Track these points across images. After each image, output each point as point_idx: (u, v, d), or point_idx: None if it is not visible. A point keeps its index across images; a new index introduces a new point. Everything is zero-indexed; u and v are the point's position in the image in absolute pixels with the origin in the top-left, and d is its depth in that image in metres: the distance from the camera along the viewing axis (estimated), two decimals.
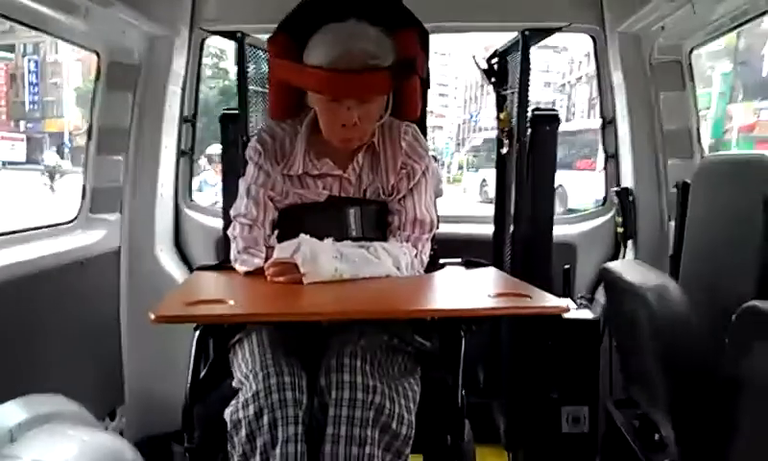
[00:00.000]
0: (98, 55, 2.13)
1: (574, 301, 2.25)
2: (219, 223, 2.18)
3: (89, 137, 2.18)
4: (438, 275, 1.42)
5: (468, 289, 1.31)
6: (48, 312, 1.89)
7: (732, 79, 9.56)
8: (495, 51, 2.05)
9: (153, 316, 0.99)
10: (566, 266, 2.26)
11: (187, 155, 2.43)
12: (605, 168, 2.47)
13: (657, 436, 1.59)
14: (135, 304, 2.26)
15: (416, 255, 1.41)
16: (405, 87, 1.48)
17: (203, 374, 1.36)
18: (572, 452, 2.14)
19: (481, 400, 2.26)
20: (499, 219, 2.19)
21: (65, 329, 1.97)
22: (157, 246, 2.32)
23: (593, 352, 2.11)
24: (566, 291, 2.26)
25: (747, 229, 1.33)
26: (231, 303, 1.08)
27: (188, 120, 2.40)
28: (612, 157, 2.40)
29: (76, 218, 2.18)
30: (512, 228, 2.01)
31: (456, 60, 31.56)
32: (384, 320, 1.22)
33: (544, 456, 2.19)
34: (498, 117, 2.05)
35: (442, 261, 1.54)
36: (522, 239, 1.97)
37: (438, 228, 1.50)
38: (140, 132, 2.25)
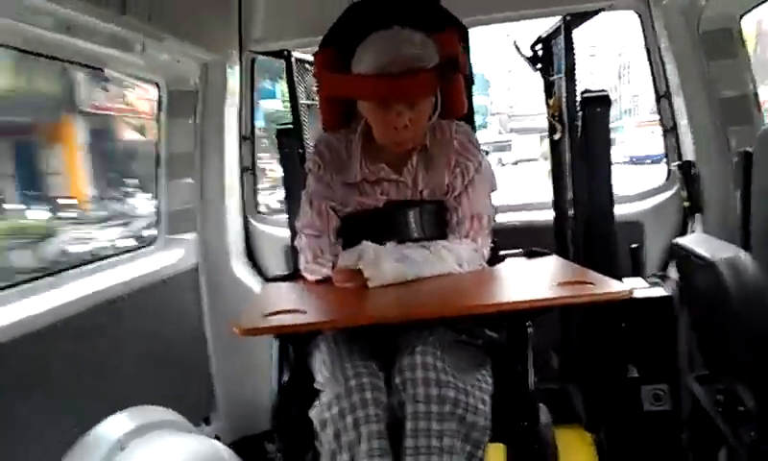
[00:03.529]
0: (157, 86, 2.26)
1: (645, 279, 2.21)
2: (286, 232, 2.27)
3: (158, 164, 2.33)
4: (499, 268, 1.44)
5: (530, 280, 1.33)
6: (138, 331, 2.03)
7: None
8: (539, 37, 2.03)
9: (237, 330, 1.07)
10: (634, 245, 2.22)
11: (249, 170, 2.53)
12: (664, 144, 2.41)
13: (741, 409, 1.55)
14: (217, 316, 2.39)
15: (476, 250, 1.43)
16: (450, 86, 1.50)
17: (286, 378, 1.43)
18: (656, 430, 2.11)
19: (558, 385, 2.26)
20: (558, 204, 2.18)
21: (156, 345, 2.11)
22: (232, 259, 2.45)
23: (670, 329, 2.06)
24: (636, 270, 2.22)
25: None
26: (306, 311, 1.14)
27: (247, 138, 2.51)
28: (670, 132, 2.33)
29: (154, 241, 2.33)
30: (571, 212, 2.00)
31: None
32: (451, 316, 1.26)
33: (628, 435, 2.16)
34: (547, 103, 2.03)
35: (502, 253, 1.56)
36: (583, 223, 1.96)
37: (495, 221, 1.52)
38: (204, 153, 2.37)
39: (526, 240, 1.66)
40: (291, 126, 2.01)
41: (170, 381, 2.13)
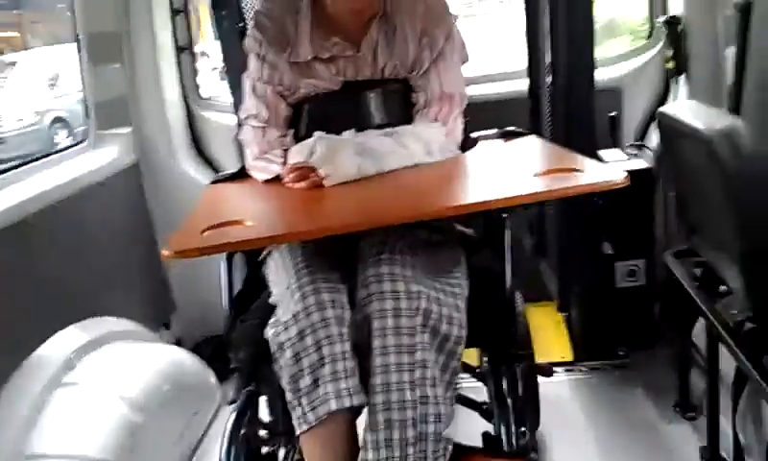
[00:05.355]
0: None
1: (623, 150, 2.09)
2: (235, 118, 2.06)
3: (78, 49, 2.03)
4: (474, 155, 1.28)
5: (511, 169, 1.17)
6: (81, 239, 1.86)
7: None
8: None
9: (166, 253, 0.90)
10: (612, 113, 2.08)
11: (187, 50, 2.25)
12: None
13: (722, 288, 1.49)
14: (165, 216, 2.21)
15: (447, 134, 1.27)
16: None
17: (238, 290, 1.30)
18: (628, 306, 2.09)
19: (530, 264, 2.20)
20: (533, 71, 1.99)
21: (103, 253, 1.95)
22: (176, 153, 2.23)
23: (647, 203, 1.99)
24: (614, 140, 2.10)
25: None
26: (250, 223, 0.97)
27: (180, 11, 2.20)
28: None
29: (85, 139, 2.08)
30: (549, 79, 1.82)
31: None
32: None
33: (599, 312, 2.14)
34: None
35: (475, 135, 1.39)
36: (561, 92, 1.79)
37: (467, 98, 1.34)
38: (131, 32, 2.08)
39: (499, 116, 1.49)
40: None
41: (123, 289, 2.00)
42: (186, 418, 1.85)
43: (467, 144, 1.33)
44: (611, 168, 0.97)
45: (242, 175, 1.36)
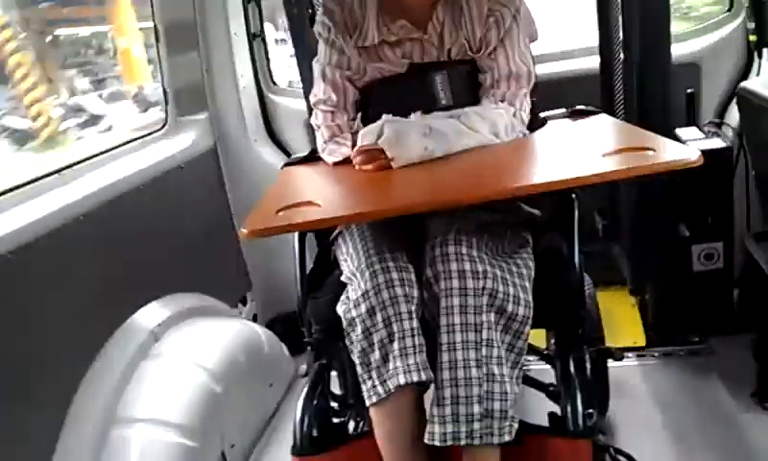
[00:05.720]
0: None
1: (701, 128, 2.01)
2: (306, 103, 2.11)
3: (156, 39, 2.12)
4: (542, 135, 1.26)
5: (580, 149, 1.15)
6: (162, 220, 1.97)
7: None
8: None
9: (245, 231, 0.96)
10: (690, 90, 2.00)
11: (259, 37, 2.31)
12: None
13: None
14: (242, 198, 2.29)
15: (514, 115, 1.26)
16: None
17: (310, 268, 1.34)
18: (705, 291, 2.01)
19: (601, 246, 2.15)
20: (605, 48, 1.93)
21: (183, 232, 2.06)
22: (250, 137, 2.30)
23: (726, 184, 1.90)
24: (691, 119, 2.02)
25: None
26: (321, 204, 1.01)
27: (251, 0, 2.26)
28: None
29: (165, 124, 2.19)
30: (621, 56, 1.77)
31: None
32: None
33: (674, 296, 2.07)
34: None
35: (544, 115, 1.37)
36: (635, 68, 1.73)
37: (536, 77, 1.32)
38: (205, 21, 2.15)
39: (569, 94, 1.47)
40: None
41: (202, 267, 2.10)
42: (262, 389, 1.95)
43: (535, 124, 1.31)
44: (685, 147, 0.94)
45: (313, 158, 1.41)
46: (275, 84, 2.42)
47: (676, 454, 1.62)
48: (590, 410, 1.11)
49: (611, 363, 1.68)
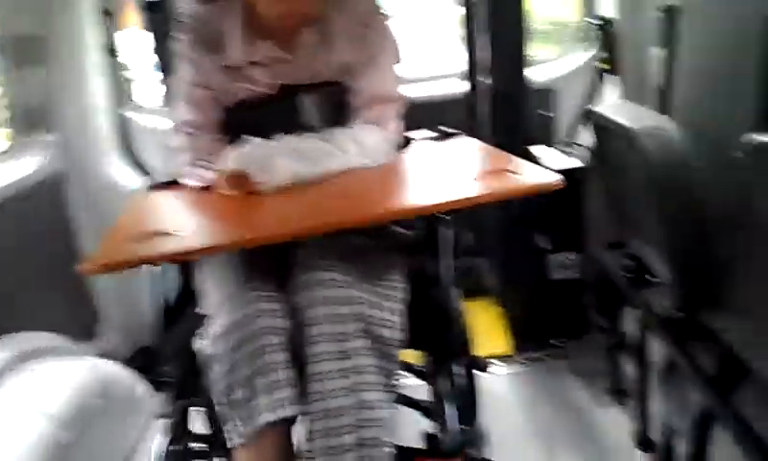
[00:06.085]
0: None
1: (555, 148, 2.16)
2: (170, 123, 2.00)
3: (2, 52, 1.92)
4: (410, 158, 1.28)
5: (448, 171, 1.18)
6: (4, 249, 1.76)
7: None
8: None
9: (88, 266, 0.86)
10: (545, 112, 2.15)
11: (116, 53, 2.17)
12: None
13: (651, 279, 1.56)
14: (96, 227, 2.12)
15: (384, 137, 1.26)
16: None
17: (168, 299, 1.26)
18: (563, 298, 2.15)
19: (469, 261, 2.23)
20: (471, 73, 2.03)
21: (25, 265, 1.86)
22: (105, 161, 2.14)
23: (580, 199, 2.05)
24: (546, 139, 2.16)
25: (744, 54, 1.19)
26: (180, 233, 0.94)
27: (109, 13, 2.11)
28: None
29: (10, 146, 1.98)
30: (486, 80, 1.86)
31: None
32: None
33: (534, 305, 2.20)
34: None
35: (408, 135, 1.40)
36: (496, 92, 1.83)
37: (405, 100, 1.34)
38: (56, 33, 1.98)
39: (438, 116, 1.50)
40: None
41: (45, 303, 1.90)
42: (116, 433, 1.79)
43: (402, 144, 1.33)
44: (547, 171, 0.99)
45: (176, 182, 1.32)
46: (132, 101, 2.28)
47: (543, 455, 1.71)
48: (464, 427, 1.13)
49: (480, 373, 1.74)
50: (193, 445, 1.19)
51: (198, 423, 1.20)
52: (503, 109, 1.88)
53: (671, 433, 1.47)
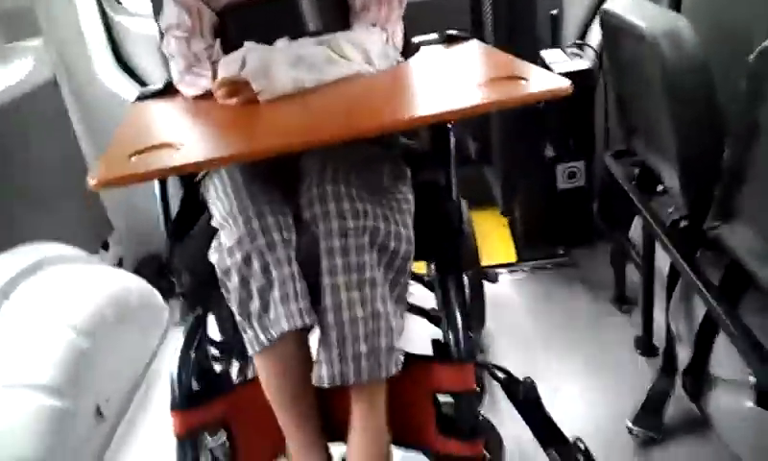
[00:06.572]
0: None
1: (563, 50, 2.07)
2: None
3: None
4: (416, 63, 1.22)
5: (455, 77, 1.12)
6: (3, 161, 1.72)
7: None
8: None
9: (93, 181, 0.84)
10: (553, 11, 2.04)
11: None
12: None
13: (659, 188, 1.53)
14: (93, 135, 2.07)
15: (387, 41, 1.20)
16: None
17: (177, 210, 1.24)
18: (569, 207, 2.14)
19: (474, 169, 2.20)
20: None
21: (27, 176, 1.82)
22: (95, 65, 2.06)
23: (588, 105, 1.99)
24: (555, 40, 2.07)
25: None
26: (181, 145, 0.90)
27: None
28: None
29: None
30: None
31: None
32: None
33: (540, 214, 2.19)
34: None
35: (416, 40, 1.33)
36: None
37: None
38: None
39: (440, 19, 1.43)
40: None
41: (55, 213, 1.89)
42: (135, 339, 1.83)
43: (407, 50, 1.26)
44: (556, 77, 0.94)
45: (169, 90, 1.27)
46: (119, 3, 2.16)
47: (545, 360, 1.75)
48: (471, 334, 1.14)
49: (487, 283, 1.75)
50: (213, 350, 1.20)
51: (215, 329, 1.21)
52: (510, 10, 1.79)
53: (675, 340, 1.50)
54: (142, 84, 2.08)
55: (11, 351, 1.47)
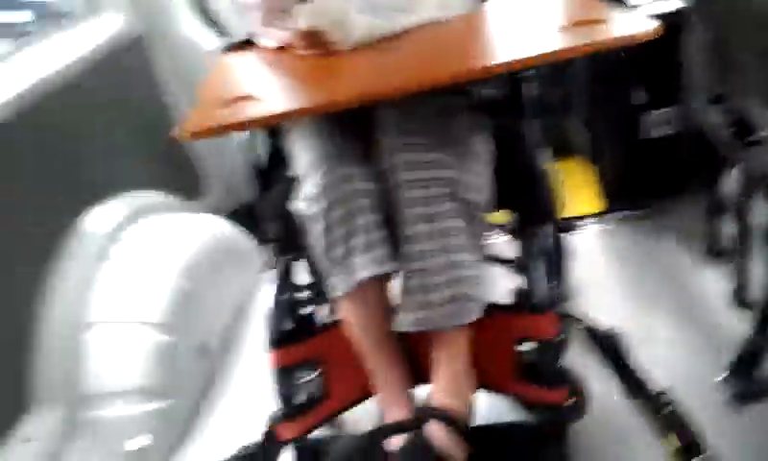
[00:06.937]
0: None
1: None
2: None
3: None
4: (492, 7, 1.18)
5: (533, 23, 1.08)
6: (97, 118, 1.83)
7: None
8: None
9: (183, 133, 0.89)
10: None
11: None
12: None
13: (757, 135, 1.44)
14: (181, 87, 2.14)
15: None
16: None
17: (263, 159, 1.29)
18: (659, 155, 2.04)
19: (558, 119, 2.13)
20: None
21: (123, 130, 1.93)
22: (179, 19, 2.13)
23: (678, 48, 1.87)
24: None
25: None
26: (263, 98, 0.94)
27: None
28: None
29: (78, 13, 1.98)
30: None
31: None
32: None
33: (630, 163, 2.10)
34: None
35: None
36: None
37: None
38: None
39: None
40: None
41: (151, 164, 2.00)
42: (232, 283, 1.93)
43: None
44: (640, 18, 0.89)
45: (250, 42, 1.30)
46: None
47: (633, 310, 1.70)
48: (555, 283, 1.13)
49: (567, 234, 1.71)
50: (298, 294, 1.26)
51: (302, 273, 1.26)
52: None
53: None
54: (223, 35, 2.14)
55: (123, 291, 1.60)
